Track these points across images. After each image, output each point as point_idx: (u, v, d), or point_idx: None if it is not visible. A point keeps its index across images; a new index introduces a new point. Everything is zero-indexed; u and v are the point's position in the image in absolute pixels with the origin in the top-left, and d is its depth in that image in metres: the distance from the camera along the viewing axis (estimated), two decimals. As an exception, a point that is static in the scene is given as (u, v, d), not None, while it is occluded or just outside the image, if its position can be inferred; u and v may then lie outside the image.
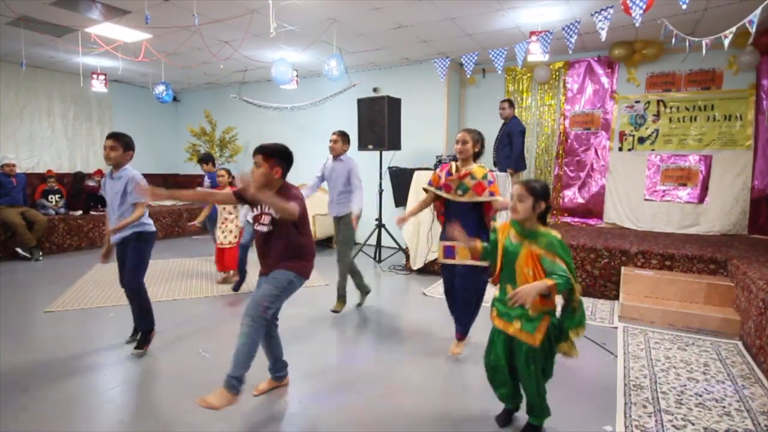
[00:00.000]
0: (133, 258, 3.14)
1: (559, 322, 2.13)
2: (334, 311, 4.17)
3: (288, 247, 2.45)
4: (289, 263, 2.45)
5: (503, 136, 5.74)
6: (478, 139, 3.13)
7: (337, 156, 4.14)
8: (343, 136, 4.17)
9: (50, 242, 6.57)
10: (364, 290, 4.34)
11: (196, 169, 8.34)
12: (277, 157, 2.41)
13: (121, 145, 3.09)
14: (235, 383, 2.23)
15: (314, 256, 2.59)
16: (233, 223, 5.13)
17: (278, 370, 2.71)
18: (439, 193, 3.20)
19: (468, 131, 3.11)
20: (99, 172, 8.00)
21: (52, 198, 6.96)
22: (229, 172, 5.59)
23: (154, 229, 3.24)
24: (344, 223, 4.11)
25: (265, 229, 2.45)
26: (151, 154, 9.18)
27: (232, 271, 5.19)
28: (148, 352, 3.22)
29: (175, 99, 9.34)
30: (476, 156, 3.15)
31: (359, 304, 4.39)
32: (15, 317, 3.96)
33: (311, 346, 3.52)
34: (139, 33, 5.57)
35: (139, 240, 3.14)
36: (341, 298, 4.24)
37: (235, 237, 5.12)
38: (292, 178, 2.57)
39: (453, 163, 3.19)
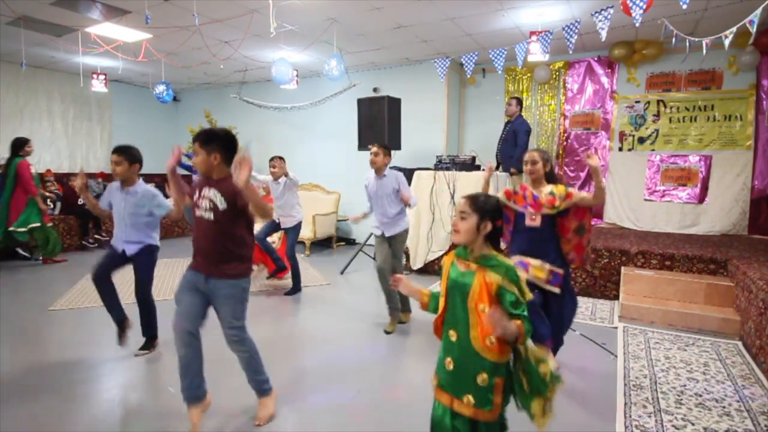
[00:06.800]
0: (144, 270, 3.19)
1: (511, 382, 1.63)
2: (402, 322, 3.94)
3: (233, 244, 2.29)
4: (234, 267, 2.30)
5: (508, 135, 5.66)
6: (548, 159, 2.86)
7: (379, 171, 3.76)
8: (385, 149, 3.77)
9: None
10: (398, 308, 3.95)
11: (196, 169, 8.34)
12: (214, 143, 2.24)
13: (127, 159, 3.05)
14: (266, 387, 2.45)
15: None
16: None
17: (198, 386, 2.39)
18: (517, 208, 2.83)
19: (537, 151, 2.85)
20: (102, 175, 7.99)
21: (51, 202, 6.96)
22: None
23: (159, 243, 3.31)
24: (399, 241, 3.86)
25: (207, 216, 2.26)
26: (151, 154, 8.99)
27: (261, 264, 5.41)
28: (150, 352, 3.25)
29: (175, 99, 9.32)
30: (548, 179, 2.84)
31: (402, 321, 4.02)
32: (17, 316, 3.96)
33: (310, 345, 3.52)
34: (139, 33, 5.57)
35: (149, 253, 3.20)
36: (405, 307, 3.99)
37: None
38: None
39: (525, 191, 2.86)
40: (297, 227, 4.79)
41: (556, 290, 2.71)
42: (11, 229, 5.54)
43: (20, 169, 5.48)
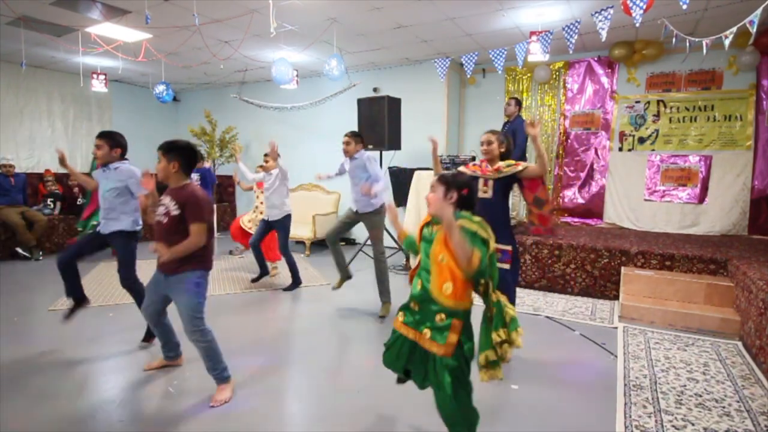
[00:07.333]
0: (120, 249, 3.25)
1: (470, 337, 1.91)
2: (382, 316, 4.08)
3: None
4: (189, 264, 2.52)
5: (507, 134, 5.68)
6: (503, 140, 3.14)
7: (351, 156, 4.17)
8: (355, 137, 4.20)
9: (50, 242, 6.58)
10: (345, 273, 4.30)
11: (196, 169, 8.36)
12: (174, 152, 2.54)
13: (108, 143, 3.16)
14: (224, 375, 2.63)
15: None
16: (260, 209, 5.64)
17: (170, 350, 2.96)
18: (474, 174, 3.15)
19: (492, 132, 3.14)
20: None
21: (51, 202, 6.98)
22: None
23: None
24: (372, 221, 4.15)
25: (162, 219, 2.53)
26: (151, 154, 9.09)
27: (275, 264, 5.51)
28: (150, 345, 3.34)
29: (175, 99, 9.32)
30: (503, 158, 3.15)
31: (336, 287, 4.37)
32: (17, 316, 3.96)
33: (309, 345, 3.52)
34: (139, 33, 5.57)
35: (125, 237, 3.24)
36: (385, 299, 4.16)
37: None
38: (296, 177, 2.59)
39: (483, 163, 3.21)
40: (285, 221, 4.83)
41: (506, 266, 2.99)
42: (83, 221, 6.28)
43: None
